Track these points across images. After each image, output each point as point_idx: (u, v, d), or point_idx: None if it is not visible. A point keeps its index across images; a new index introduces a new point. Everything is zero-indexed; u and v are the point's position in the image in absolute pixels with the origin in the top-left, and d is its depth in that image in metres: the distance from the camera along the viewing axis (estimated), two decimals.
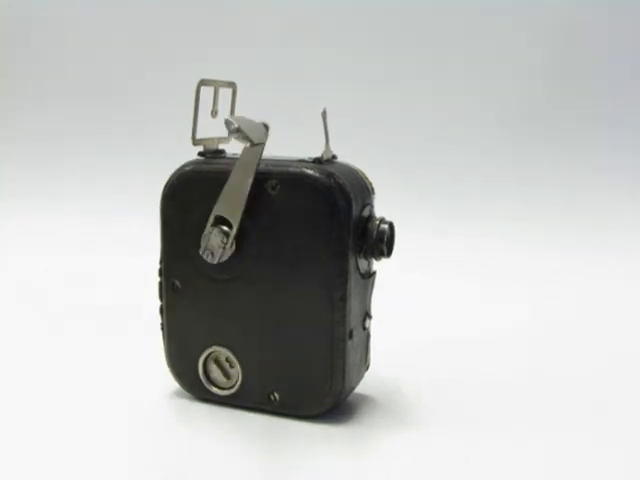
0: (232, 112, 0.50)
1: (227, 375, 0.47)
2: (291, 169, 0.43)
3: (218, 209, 0.44)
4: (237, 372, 0.46)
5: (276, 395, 0.45)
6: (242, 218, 0.43)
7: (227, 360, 0.47)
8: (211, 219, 0.44)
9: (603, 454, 0.42)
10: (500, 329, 0.65)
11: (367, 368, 0.49)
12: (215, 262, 0.44)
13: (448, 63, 1.11)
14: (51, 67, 1.19)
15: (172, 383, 0.49)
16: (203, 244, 0.44)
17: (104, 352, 0.58)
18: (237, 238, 0.44)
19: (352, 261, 0.43)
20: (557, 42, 1.10)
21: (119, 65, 1.17)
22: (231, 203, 0.43)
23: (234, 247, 0.44)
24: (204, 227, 0.44)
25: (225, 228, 0.43)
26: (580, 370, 0.56)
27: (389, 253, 0.45)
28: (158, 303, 0.48)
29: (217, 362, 0.47)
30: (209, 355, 0.47)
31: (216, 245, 0.44)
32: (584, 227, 0.99)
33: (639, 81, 1.09)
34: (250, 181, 0.43)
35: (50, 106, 1.18)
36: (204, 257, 0.44)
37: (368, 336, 0.48)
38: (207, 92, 0.47)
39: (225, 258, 0.44)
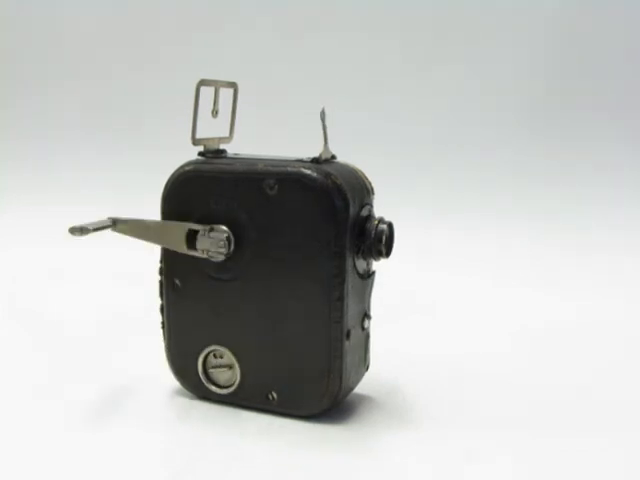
0: (233, 112, 0.50)
1: (227, 366, 0.47)
2: (289, 169, 0.43)
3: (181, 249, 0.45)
4: (229, 359, 0.46)
5: (274, 394, 0.45)
6: (240, 218, 0.44)
7: (215, 356, 0.47)
8: (194, 254, 0.45)
9: (603, 454, 0.42)
10: (499, 329, 0.65)
11: (367, 368, 0.49)
12: (225, 254, 0.44)
13: (448, 62, 1.11)
14: (51, 67, 1.19)
15: (172, 382, 0.49)
16: (210, 255, 0.44)
17: (103, 351, 0.58)
18: (236, 238, 0.44)
19: (349, 261, 0.43)
20: (557, 39, 1.10)
21: (119, 65, 1.17)
22: (170, 238, 0.45)
23: (233, 242, 0.44)
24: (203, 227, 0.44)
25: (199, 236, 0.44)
26: (579, 370, 0.56)
27: (388, 253, 0.44)
28: (158, 302, 0.48)
29: (215, 367, 0.47)
30: (208, 354, 0.47)
31: (210, 243, 0.44)
32: (585, 225, 0.99)
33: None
34: (152, 224, 0.46)
35: (50, 106, 1.18)
36: (218, 259, 0.44)
37: (367, 336, 0.48)
38: (207, 92, 0.47)
39: (232, 247, 0.44)
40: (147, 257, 0.56)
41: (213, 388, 0.47)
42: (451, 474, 0.40)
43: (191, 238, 0.45)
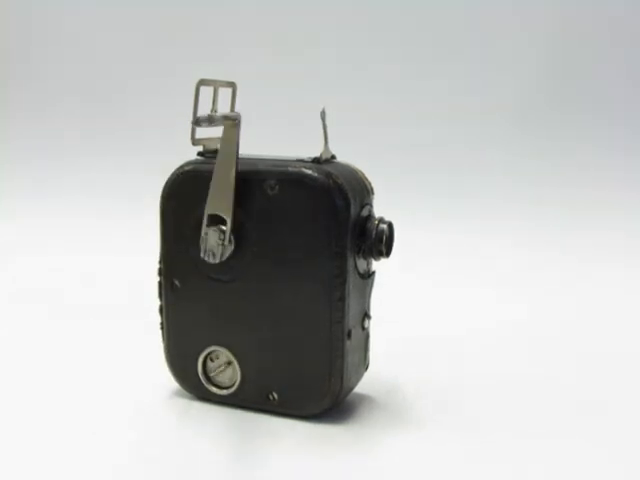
0: (232, 112, 0.49)
1: (226, 363, 0.46)
2: (290, 169, 0.43)
3: (209, 208, 0.44)
4: (226, 357, 0.46)
5: (275, 395, 0.45)
6: (241, 218, 0.43)
7: (212, 360, 0.47)
8: (205, 220, 0.44)
9: (603, 455, 0.42)
10: (500, 329, 0.65)
11: (366, 368, 0.49)
12: (217, 261, 0.44)
13: (448, 63, 1.11)
14: (51, 67, 1.19)
15: (172, 383, 0.49)
16: (203, 247, 0.44)
17: (104, 352, 0.58)
18: (236, 238, 0.44)
19: (350, 261, 0.43)
20: (557, 41, 1.10)
21: (119, 65, 1.17)
22: (220, 199, 0.43)
23: (233, 244, 0.44)
24: (203, 227, 0.44)
25: (221, 227, 0.43)
26: (581, 372, 0.56)
27: (388, 253, 0.45)
28: (157, 303, 0.48)
29: (216, 369, 0.47)
30: (208, 355, 0.47)
31: (215, 244, 0.44)
32: (584, 228, 0.99)
33: None
34: (233, 172, 0.43)
35: (50, 106, 1.18)
36: (207, 259, 0.44)
37: (367, 336, 0.48)
38: (207, 92, 0.47)
39: (226, 256, 0.44)
40: (146, 257, 0.56)
41: (213, 389, 0.47)
42: (451, 474, 0.40)
43: (216, 220, 0.44)
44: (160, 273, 0.48)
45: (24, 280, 0.80)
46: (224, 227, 0.43)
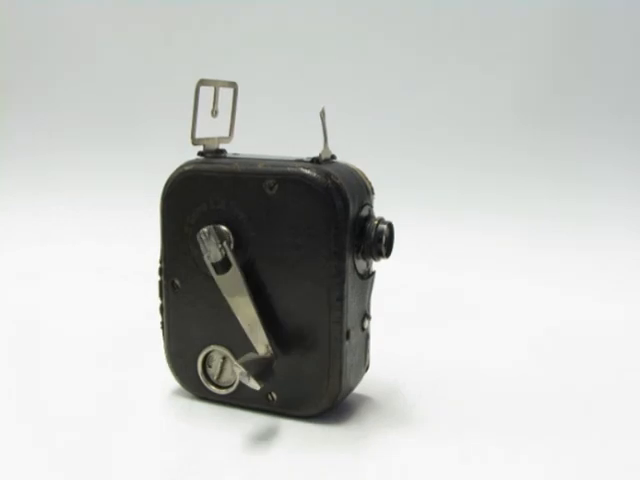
0: (233, 112, 0.50)
1: (222, 359, 0.47)
2: (289, 169, 0.43)
3: None
4: (221, 352, 0.46)
5: (274, 395, 0.45)
6: (240, 217, 0.44)
7: (210, 365, 0.47)
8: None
9: (602, 457, 0.42)
10: (500, 330, 0.65)
11: (366, 369, 0.49)
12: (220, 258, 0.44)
13: (448, 62, 1.11)
14: (52, 66, 1.20)
15: (172, 382, 0.49)
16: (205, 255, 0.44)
17: (103, 351, 0.58)
18: (235, 238, 0.44)
19: (349, 261, 0.43)
20: (558, 39, 1.10)
21: (120, 64, 1.17)
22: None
23: (232, 244, 0.44)
24: (203, 226, 0.44)
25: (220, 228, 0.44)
26: (579, 372, 0.56)
27: (388, 253, 0.44)
28: (158, 302, 0.48)
29: (217, 372, 0.47)
30: (208, 354, 0.47)
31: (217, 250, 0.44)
32: (584, 224, 0.99)
33: None
34: None
35: (51, 106, 1.19)
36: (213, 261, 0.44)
37: (367, 337, 0.48)
38: (208, 92, 0.47)
39: (231, 247, 0.44)
40: (147, 257, 0.56)
41: (213, 388, 0.47)
42: (449, 475, 0.40)
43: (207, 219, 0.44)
44: (160, 272, 0.48)
45: (24, 276, 0.80)
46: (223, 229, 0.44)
